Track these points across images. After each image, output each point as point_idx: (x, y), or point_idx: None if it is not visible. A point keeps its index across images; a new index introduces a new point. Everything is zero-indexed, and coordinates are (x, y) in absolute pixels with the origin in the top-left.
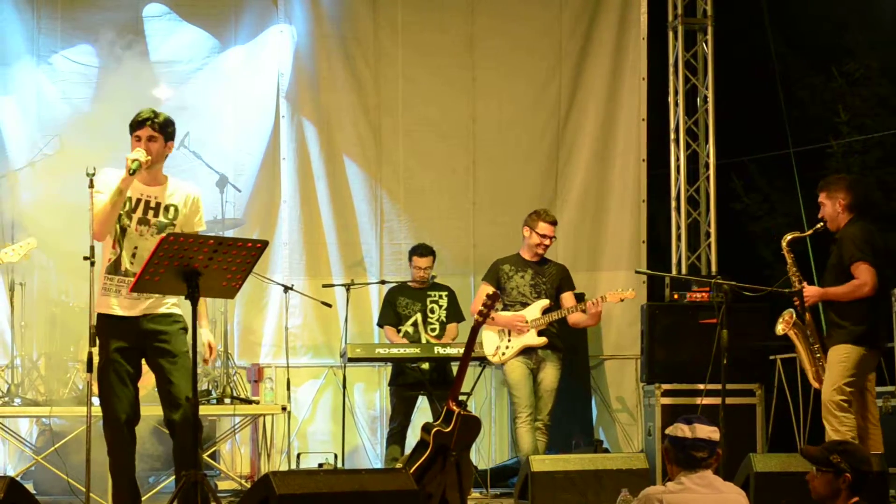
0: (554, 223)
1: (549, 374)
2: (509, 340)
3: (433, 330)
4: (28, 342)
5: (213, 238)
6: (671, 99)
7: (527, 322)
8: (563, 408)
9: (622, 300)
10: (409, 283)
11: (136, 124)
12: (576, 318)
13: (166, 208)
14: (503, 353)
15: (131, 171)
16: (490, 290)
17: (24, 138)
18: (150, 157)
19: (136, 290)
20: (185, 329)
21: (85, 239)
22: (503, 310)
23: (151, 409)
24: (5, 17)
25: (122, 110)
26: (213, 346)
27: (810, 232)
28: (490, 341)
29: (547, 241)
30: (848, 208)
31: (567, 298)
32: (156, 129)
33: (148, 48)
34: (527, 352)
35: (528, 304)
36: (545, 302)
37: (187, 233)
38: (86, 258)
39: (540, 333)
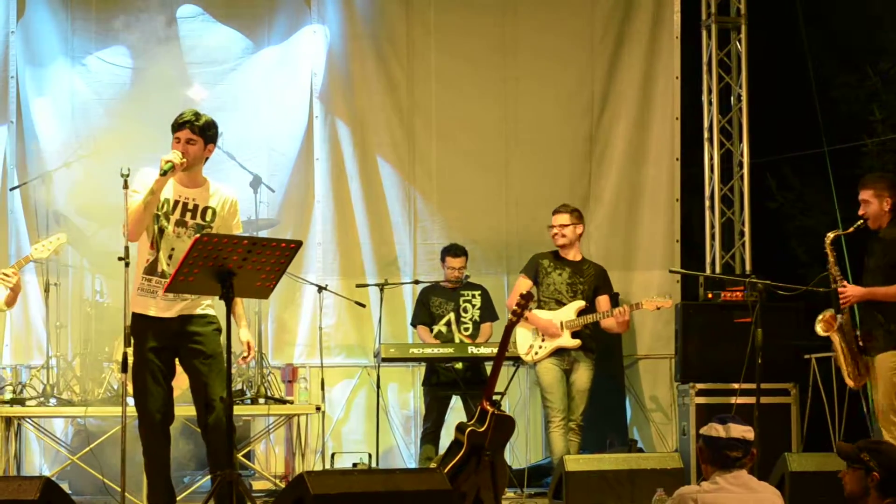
0: (564, 211)
1: (582, 376)
2: (543, 340)
3: (466, 329)
4: (63, 342)
5: (247, 238)
6: (705, 98)
7: (560, 326)
8: (597, 408)
9: (658, 308)
10: (443, 283)
11: (177, 126)
12: (608, 322)
13: (204, 211)
14: (536, 353)
15: (163, 173)
16: (528, 283)
17: (58, 139)
18: (184, 160)
19: (170, 291)
20: (219, 330)
21: (119, 239)
22: (538, 306)
23: (186, 410)
24: (40, 18)
25: (156, 111)
26: (251, 346)
27: (852, 230)
28: (524, 340)
29: (560, 230)
30: (894, 207)
31: (602, 301)
32: (195, 132)
33: (182, 49)
34: (559, 352)
35: (563, 303)
36: (580, 303)
37: (221, 233)
38: (120, 258)
39: (574, 334)
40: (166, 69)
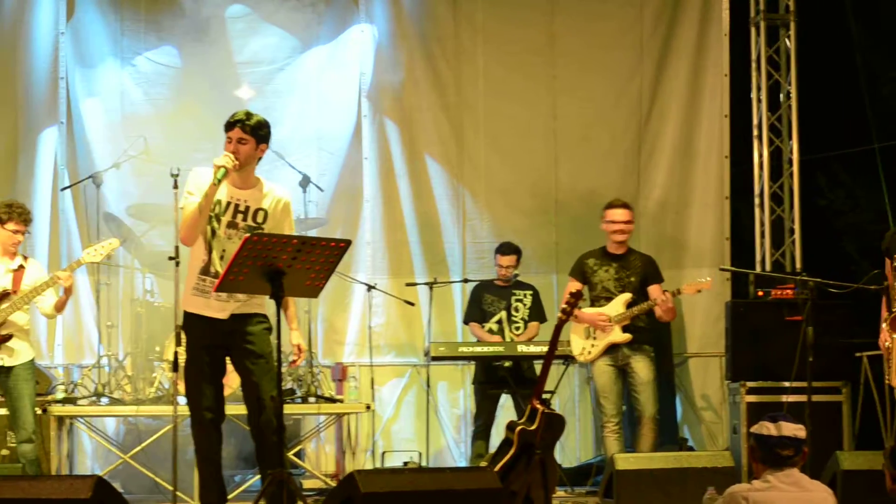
0: (623, 207)
1: (642, 369)
2: (594, 339)
3: (517, 328)
4: (114, 342)
5: (296, 238)
6: (754, 95)
7: (609, 319)
8: None
9: (699, 291)
10: (496, 281)
11: (228, 125)
12: (657, 311)
13: (256, 213)
14: (589, 353)
15: (217, 181)
16: (577, 284)
17: (108, 139)
18: (237, 162)
19: (220, 290)
20: (270, 329)
21: (169, 238)
22: (590, 305)
23: (237, 408)
24: (89, 19)
25: (206, 111)
26: (302, 350)
27: None
28: (576, 341)
29: (621, 227)
30: None
31: (654, 291)
32: (247, 132)
33: (231, 49)
34: (612, 349)
35: (612, 299)
36: (627, 296)
37: (271, 233)
38: (171, 258)
39: (626, 329)
40: (215, 69)
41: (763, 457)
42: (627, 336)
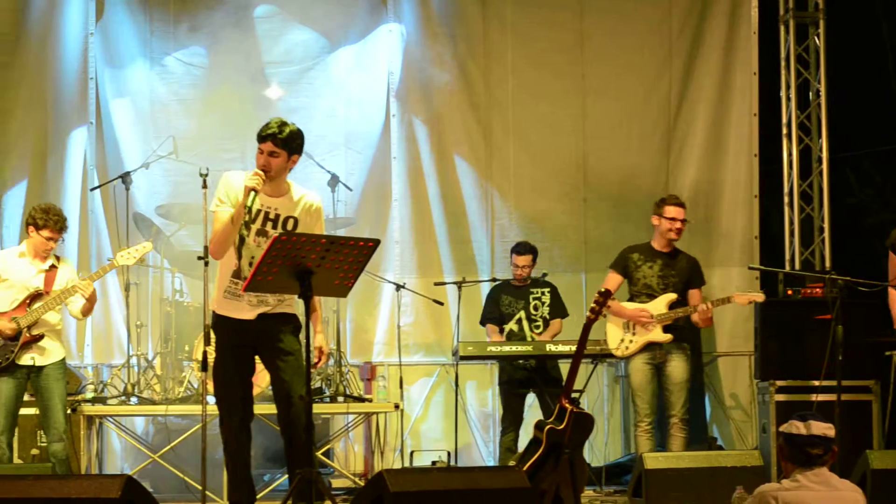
0: (682, 205)
1: (677, 367)
2: (633, 334)
3: (537, 327)
4: (143, 341)
5: (325, 237)
6: (783, 93)
7: (651, 316)
8: None
9: (751, 303)
10: (512, 281)
11: (261, 137)
12: (693, 317)
13: (286, 221)
14: (627, 348)
15: (247, 205)
16: (618, 278)
17: (137, 139)
18: (266, 180)
19: (249, 290)
20: (299, 328)
21: (198, 238)
22: (629, 300)
23: (266, 408)
24: (118, 20)
25: (234, 111)
26: (324, 352)
27: None
28: (614, 334)
29: (678, 225)
30: None
31: (694, 295)
32: (278, 145)
33: (259, 49)
34: (650, 347)
35: (654, 297)
36: (672, 296)
37: (299, 232)
38: (200, 258)
39: (665, 329)
40: (244, 69)
41: (792, 456)
42: (668, 336)
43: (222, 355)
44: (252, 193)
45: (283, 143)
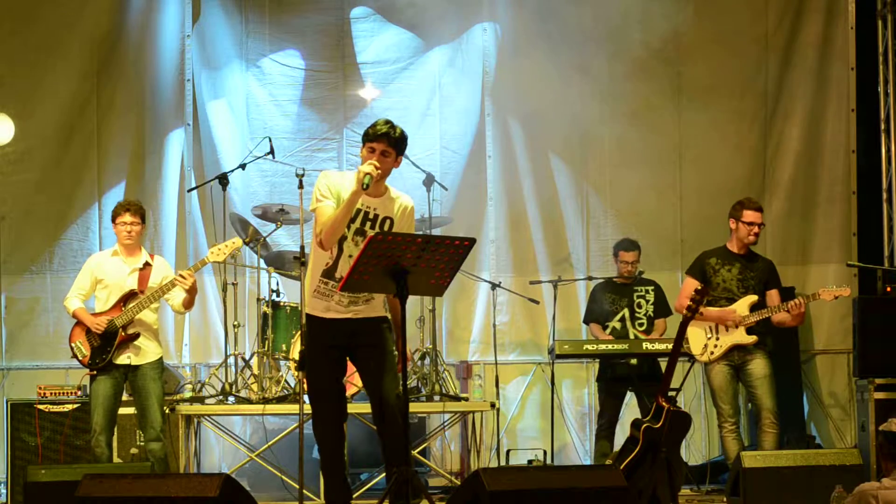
0: (760, 209)
1: (758, 364)
2: (717, 338)
3: (641, 325)
4: (241, 341)
5: (420, 236)
6: (881, 89)
7: (741, 318)
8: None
9: (836, 298)
10: (615, 279)
11: (373, 136)
12: (780, 317)
13: (383, 221)
14: (712, 353)
15: (364, 186)
16: (695, 284)
17: (234, 140)
18: (380, 171)
19: (345, 290)
20: (390, 327)
21: (295, 238)
22: (706, 304)
23: (362, 407)
24: (215, 22)
25: (329, 111)
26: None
27: None
28: (697, 339)
29: (756, 229)
30: None
31: (772, 296)
32: (390, 145)
33: (354, 49)
34: (731, 350)
35: (734, 300)
36: (753, 298)
37: (395, 232)
38: (296, 258)
39: (748, 331)
40: (339, 69)
41: (892, 454)
42: (753, 338)
43: (314, 355)
44: (368, 177)
45: (396, 143)
